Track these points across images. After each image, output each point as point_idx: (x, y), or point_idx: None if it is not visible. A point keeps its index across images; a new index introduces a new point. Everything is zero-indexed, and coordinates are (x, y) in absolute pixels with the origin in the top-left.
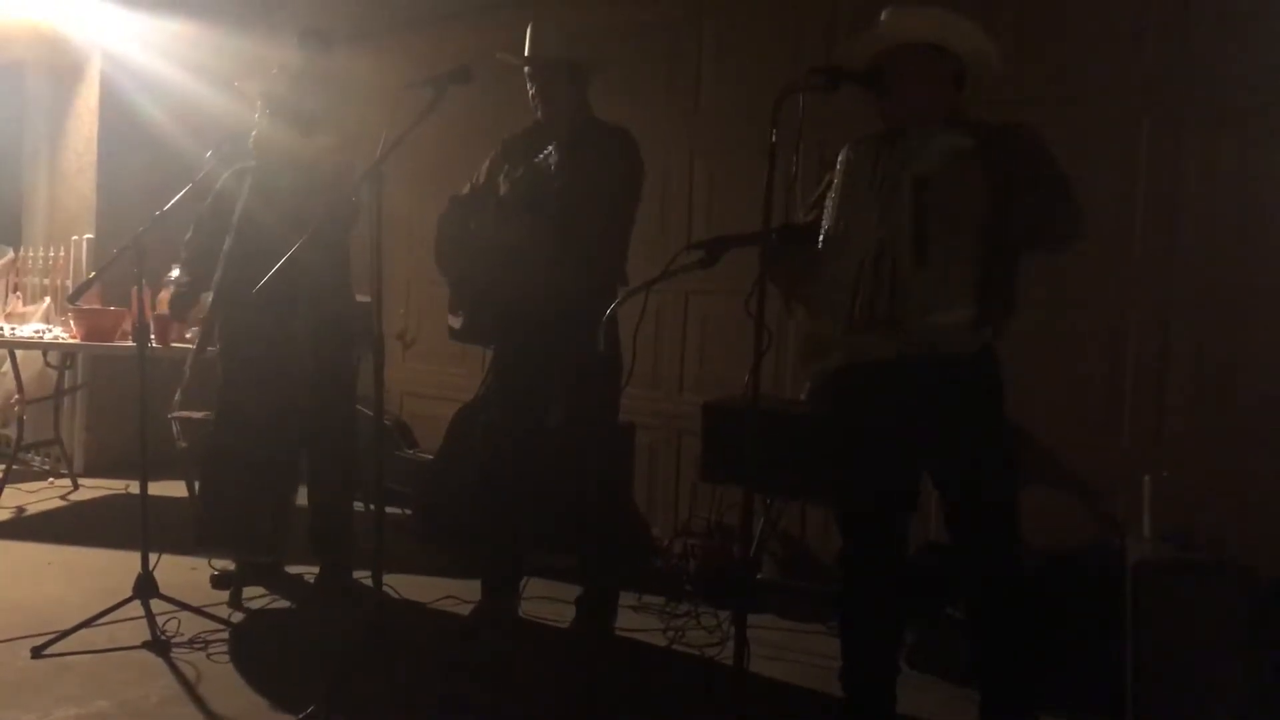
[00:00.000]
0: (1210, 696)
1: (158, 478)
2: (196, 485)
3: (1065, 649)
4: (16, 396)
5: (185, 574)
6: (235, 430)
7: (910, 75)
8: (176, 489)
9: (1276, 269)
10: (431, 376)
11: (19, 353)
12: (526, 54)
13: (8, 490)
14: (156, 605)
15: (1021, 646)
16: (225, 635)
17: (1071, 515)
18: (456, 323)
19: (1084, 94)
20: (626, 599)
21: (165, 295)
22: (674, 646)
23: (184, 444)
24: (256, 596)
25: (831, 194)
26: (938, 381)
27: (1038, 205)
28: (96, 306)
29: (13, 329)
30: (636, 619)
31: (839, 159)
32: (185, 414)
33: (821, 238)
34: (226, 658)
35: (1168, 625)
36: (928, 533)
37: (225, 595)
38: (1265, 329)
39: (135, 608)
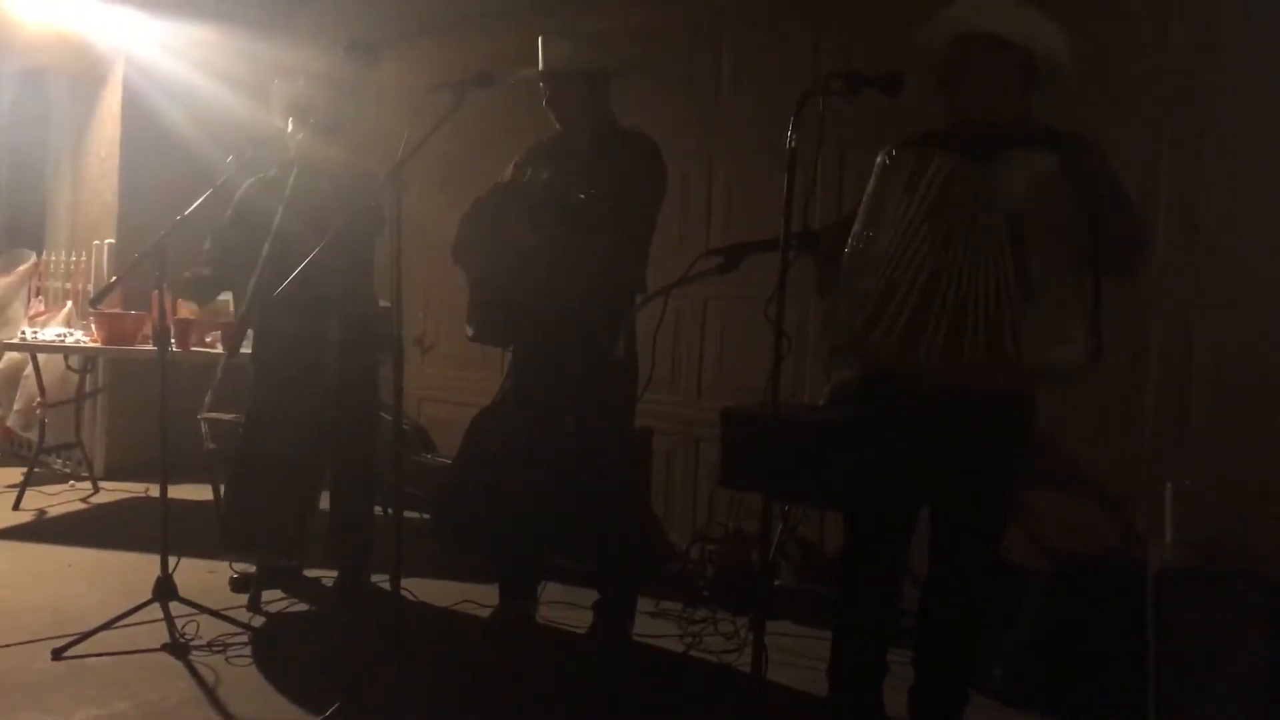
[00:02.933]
0: (1232, 705)
1: (178, 481)
2: (224, 486)
3: (1087, 657)
4: (38, 400)
5: (204, 577)
6: (266, 432)
7: (978, 68)
8: (196, 492)
9: None
10: (450, 381)
11: (41, 356)
12: (539, 68)
13: (29, 493)
14: (176, 608)
15: (969, 650)
16: (244, 638)
17: (1093, 523)
18: (472, 329)
19: (1105, 101)
20: (644, 604)
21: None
22: (691, 652)
23: (212, 445)
24: (275, 600)
25: (865, 200)
26: (978, 405)
27: (1125, 226)
28: (118, 311)
29: (35, 332)
30: (654, 624)
31: (877, 162)
32: (215, 415)
33: (849, 246)
34: (245, 660)
35: (1190, 633)
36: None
37: (244, 598)
38: None
39: (154, 610)
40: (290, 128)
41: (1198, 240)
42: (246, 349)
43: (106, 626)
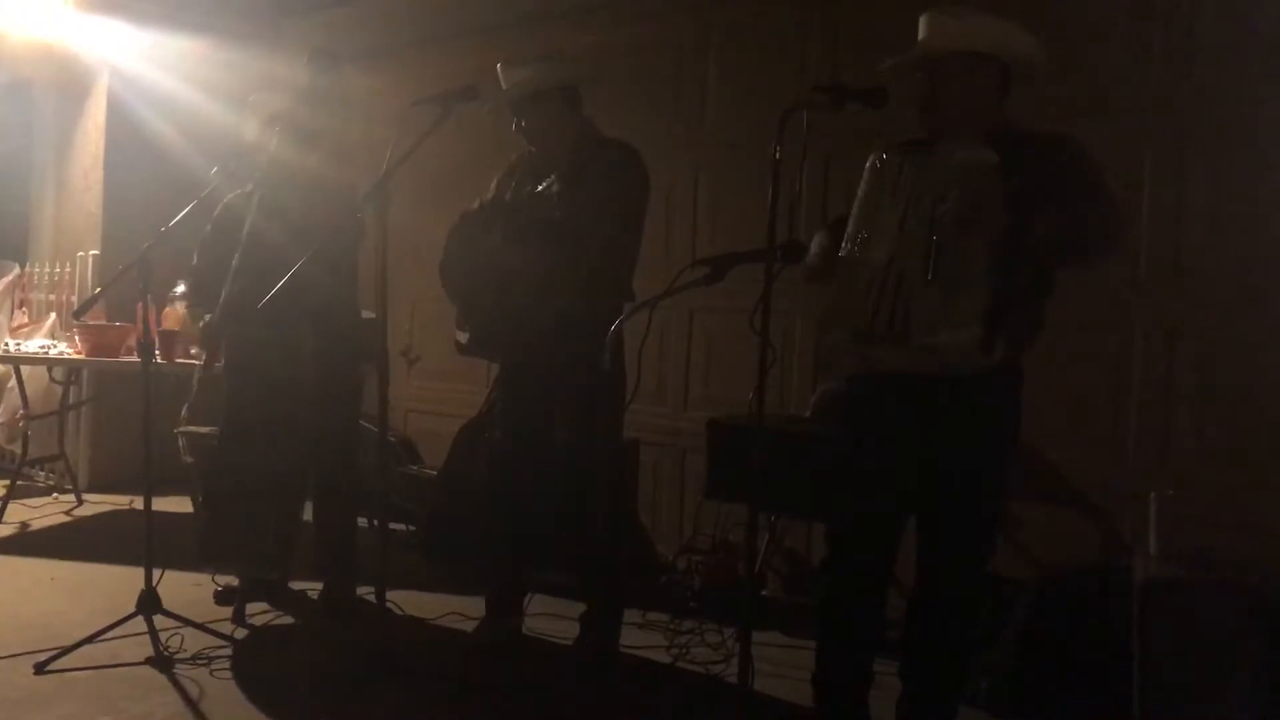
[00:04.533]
0: (1218, 715)
1: (162, 493)
2: (201, 500)
3: (1073, 667)
4: (21, 412)
5: (188, 590)
6: (240, 445)
7: (948, 85)
8: (180, 505)
9: None
10: (436, 393)
11: (24, 368)
12: (504, 94)
13: (12, 506)
14: (160, 621)
15: (956, 661)
16: (228, 652)
17: (1078, 533)
18: (463, 337)
19: (1088, 109)
20: (631, 616)
21: (170, 311)
22: (678, 664)
23: (190, 459)
24: (260, 613)
25: (857, 201)
26: (945, 400)
27: (1063, 218)
28: (102, 322)
29: (18, 344)
30: (641, 636)
31: (867, 164)
32: (192, 429)
33: (844, 249)
34: (229, 674)
35: (1175, 644)
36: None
37: (228, 611)
38: (1272, 345)
39: (138, 624)
40: (268, 139)
41: (1181, 250)
42: None
43: (90, 640)
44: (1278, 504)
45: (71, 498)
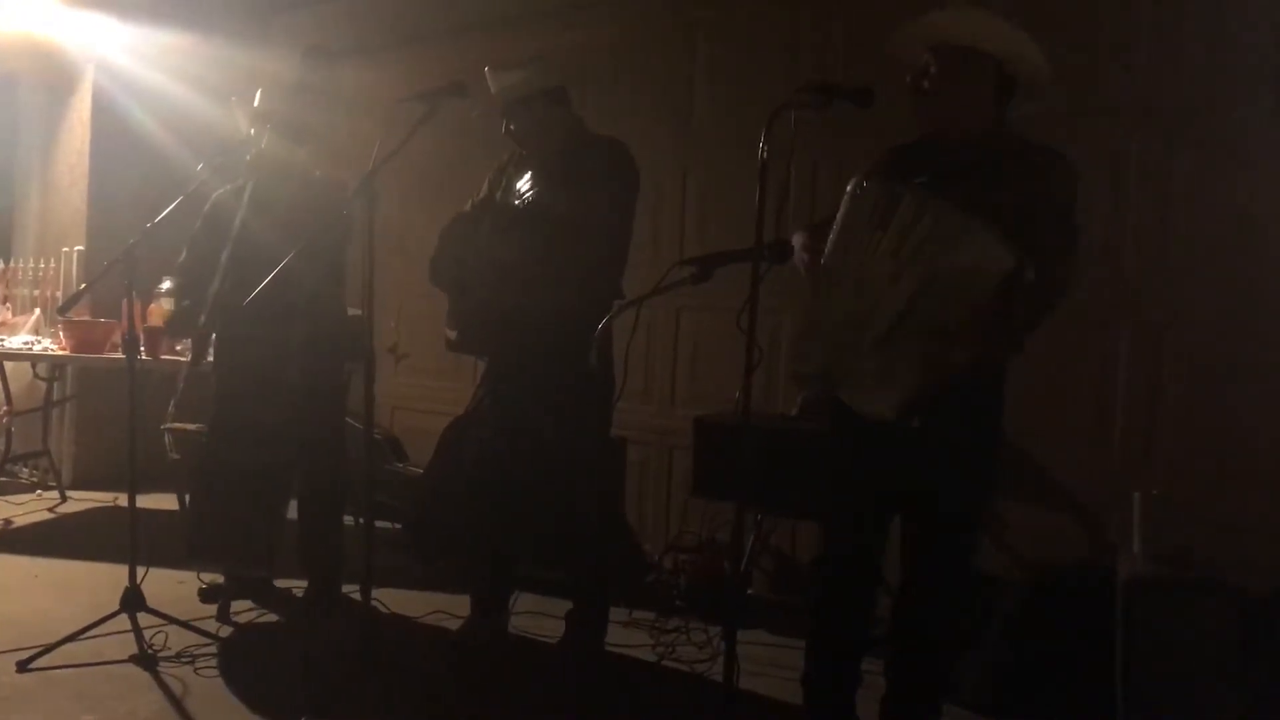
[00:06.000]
0: (1201, 713)
1: (146, 490)
2: (188, 497)
3: (1057, 666)
4: (5, 408)
5: (173, 587)
6: (229, 441)
7: (948, 75)
8: (165, 502)
9: (1268, 284)
10: (422, 390)
11: (8, 364)
12: (492, 98)
13: None
14: (144, 619)
15: (941, 660)
16: (213, 649)
17: (1063, 533)
18: (452, 334)
19: (1074, 110)
20: (617, 614)
21: (155, 308)
22: (664, 662)
23: (176, 456)
24: (244, 610)
25: (835, 228)
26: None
27: (1044, 290)
28: (86, 318)
29: (1, 340)
30: (627, 634)
31: (847, 191)
32: (179, 425)
33: (821, 277)
34: (214, 672)
35: (1158, 643)
36: None
37: (213, 609)
38: (1257, 345)
39: (122, 621)
40: (254, 135)
41: (1166, 251)
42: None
43: (73, 638)
44: (1261, 504)
45: (55, 494)
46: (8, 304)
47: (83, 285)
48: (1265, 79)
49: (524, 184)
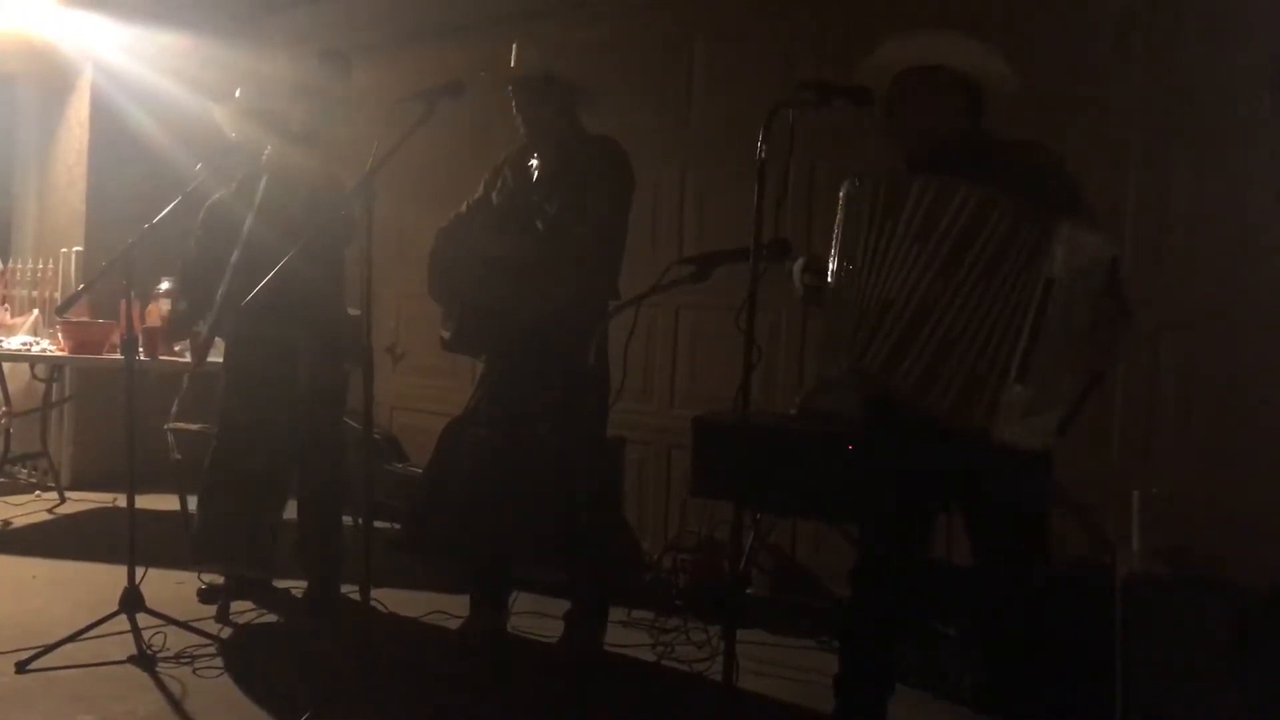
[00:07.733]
0: (1200, 712)
1: (145, 491)
2: (194, 497)
3: (1055, 664)
4: (4, 409)
5: (172, 588)
6: (239, 441)
7: (915, 98)
8: (164, 502)
9: (1265, 285)
10: (421, 390)
11: (6, 365)
12: (510, 72)
13: None
14: (143, 619)
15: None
16: (212, 650)
17: (1063, 530)
18: (447, 333)
19: (1072, 112)
20: (616, 614)
21: (154, 308)
22: (663, 662)
23: (179, 456)
24: (244, 611)
25: (837, 231)
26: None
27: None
28: (85, 319)
29: (0, 341)
30: (626, 634)
31: (842, 193)
32: (182, 425)
33: (831, 282)
34: (213, 673)
35: (1157, 641)
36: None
37: (212, 610)
38: (1254, 344)
39: (121, 622)
40: (248, 138)
41: (1163, 250)
42: (214, 358)
43: (72, 638)
44: (1260, 502)
45: (54, 495)
46: (6, 305)
47: (81, 286)
48: (1265, 79)
49: (520, 184)
